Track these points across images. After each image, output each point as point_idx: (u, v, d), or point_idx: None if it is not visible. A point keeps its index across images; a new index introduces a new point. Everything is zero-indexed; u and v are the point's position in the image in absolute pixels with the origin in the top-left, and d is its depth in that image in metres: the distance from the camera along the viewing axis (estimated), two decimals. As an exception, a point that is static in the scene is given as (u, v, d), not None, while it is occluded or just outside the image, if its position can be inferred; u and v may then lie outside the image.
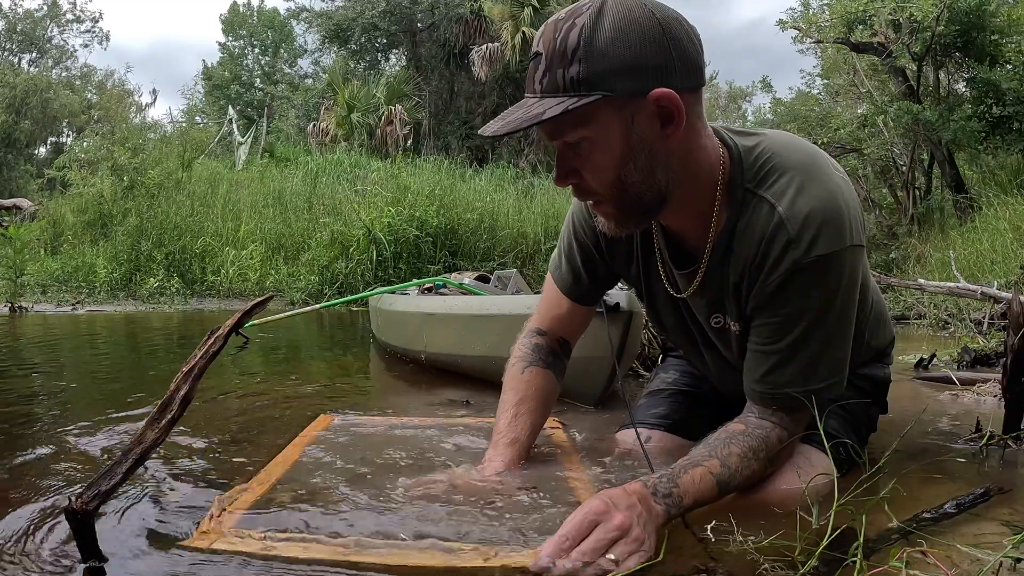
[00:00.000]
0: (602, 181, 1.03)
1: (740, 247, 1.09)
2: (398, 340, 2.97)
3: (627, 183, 1.02)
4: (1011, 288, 4.48)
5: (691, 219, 1.13)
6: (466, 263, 7.98)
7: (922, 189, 10.89)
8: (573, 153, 1.02)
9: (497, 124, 1.01)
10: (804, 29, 10.93)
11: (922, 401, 2.18)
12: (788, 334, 1.07)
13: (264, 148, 15.10)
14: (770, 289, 1.07)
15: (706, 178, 1.08)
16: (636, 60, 0.95)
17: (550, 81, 0.97)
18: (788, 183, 1.05)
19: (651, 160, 1.01)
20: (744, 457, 1.05)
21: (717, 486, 1.01)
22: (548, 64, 0.97)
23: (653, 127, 0.99)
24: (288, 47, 32.69)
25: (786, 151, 1.09)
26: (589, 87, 0.95)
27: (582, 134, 0.99)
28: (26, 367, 2.87)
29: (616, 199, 1.05)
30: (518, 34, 15.93)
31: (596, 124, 0.98)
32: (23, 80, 20.19)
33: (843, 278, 1.06)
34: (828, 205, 1.03)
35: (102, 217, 8.89)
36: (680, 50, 0.97)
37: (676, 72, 0.97)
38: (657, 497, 0.93)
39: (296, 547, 0.87)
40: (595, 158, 1.01)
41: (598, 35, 0.94)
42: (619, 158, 1.00)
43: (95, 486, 0.82)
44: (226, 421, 1.71)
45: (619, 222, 1.09)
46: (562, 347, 1.41)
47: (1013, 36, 9.26)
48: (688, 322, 1.29)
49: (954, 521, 1.05)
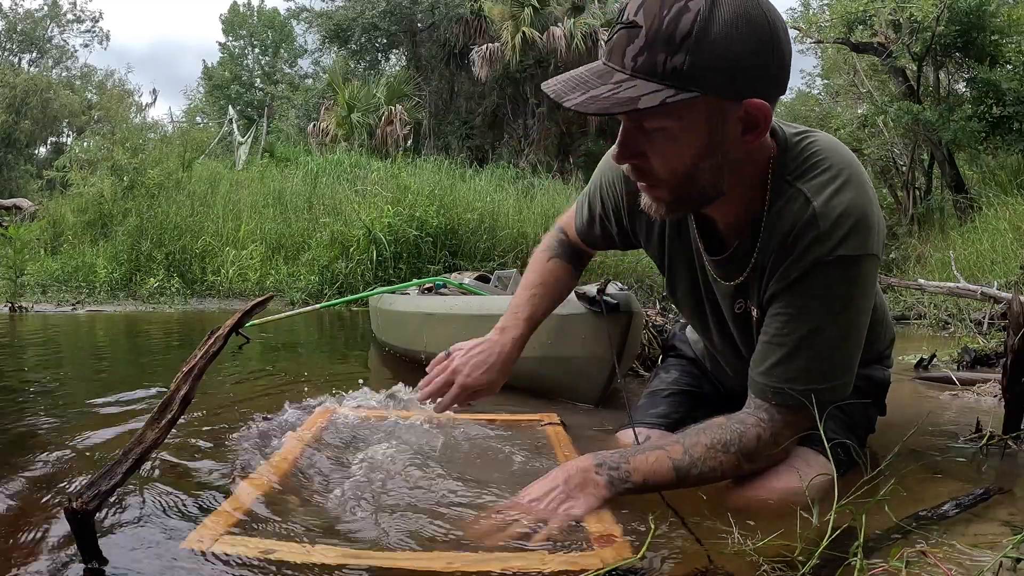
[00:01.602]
0: (670, 172, 0.99)
1: (769, 233, 1.09)
2: (398, 340, 2.97)
3: (695, 179, 0.99)
4: (1011, 288, 4.48)
5: (731, 206, 1.11)
6: (466, 263, 7.97)
7: (922, 189, 10.90)
8: (646, 137, 0.97)
9: (577, 96, 0.92)
10: (804, 29, 10.93)
11: (922, 401, 2.18)
12: (799, 328, 1.07)
13: (264, 148, 15.09)
14: (790, 280, 1.07)
15: (758, 171, 1.07)
16: (742, 61, 0.90)
17: (647, 62, 0.89)
18: (828, 181, 1.05)
19: (724, 162, 0.99)
20: (711, 448, 1.05)
21: (674, 471, 1.03)
22: (649, 42, 0.89)
23: (735, 132, 0.96)
24: (288, 47, 32.69)
25: (828, 151, 1.08)
26: (689, 81, 0.89)
27: (665, 124, 0.94)
28: (26, 367, 2.87)
29: (676, 188, 1.01)
30: (518, 34, 15.92)
31: (683, 119, 0.93)
32: (23, 80, 20.19)
33: (860, 283, 1.06)
34: (861, 210, 1.03)
35: (102, 217, 8.88)
36: (780, 55, 0.94)
37: (773, 79, 0.94)
38: (601, 469, 1.00)
39: (296, 547, 0.87)
40: (671, 150, 0.96)
41: (713, 26, 0.87)
42: (696, 156, 0.97)
43: (95, 486, 0.82)
44: (226, 421, 1.71)
45: (670, 209, 1.05)
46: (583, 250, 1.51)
47: (1013, 36, 9.27)
48: (706, 304, 1.28)
49: (954, 521, 1.05)
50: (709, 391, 1.55)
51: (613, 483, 0.99)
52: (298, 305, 6.49)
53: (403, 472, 1.19)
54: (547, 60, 15.89)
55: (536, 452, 1.35)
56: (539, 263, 1.48)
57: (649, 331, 2.50)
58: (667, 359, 1.73)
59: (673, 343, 1.73)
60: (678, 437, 1.09)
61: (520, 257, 8.49)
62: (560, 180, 12.37)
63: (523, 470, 1.24)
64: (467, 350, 1.39)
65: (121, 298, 7.18)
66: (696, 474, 1.04)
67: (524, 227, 8.91)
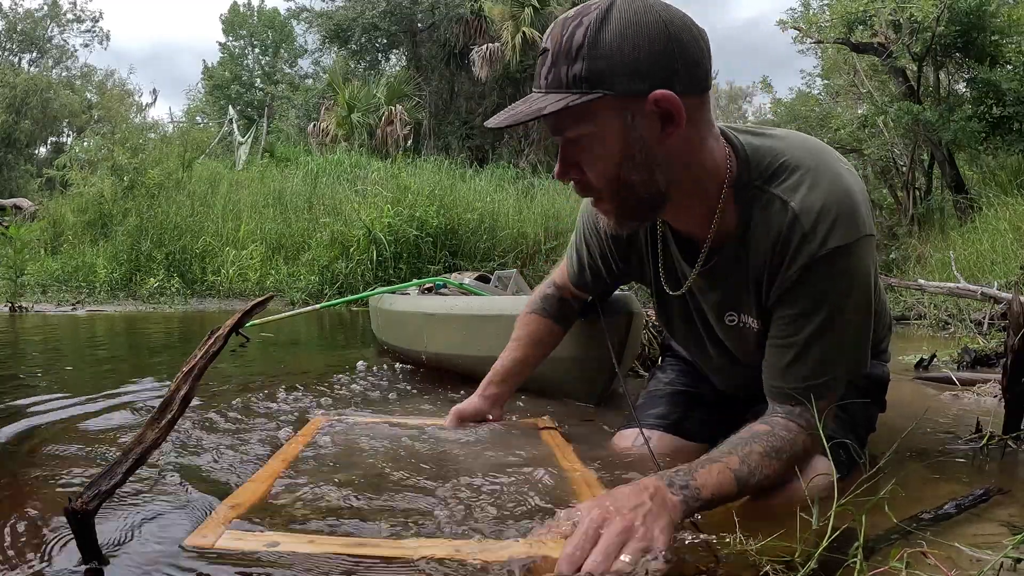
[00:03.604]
0: (601, 178, 1.05)
1: (756, 244, 1.10)
2: (398, 340, 2.97)
3: (625, 181, 1.04)
4: (1011, 288, 4.47)
5: (697, 219, 1.14)
6: (466, 263, 7.98)
7: (922, 189, 10.90)
8: (574, 149, 1.04)
9: (502, 116, 1.04)
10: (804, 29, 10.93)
11: (922, 401, 2.18)
12: (806, 326, 1.08)
13: (264, 148, 15.10)
14: (788, 284, 1.08)
15: (712, 179, 1.09)
16: (638, 62, 0.96)
17: (554, 77, 0.99)
18: (799, 179, 1.06)
19: (649, 160, 1.02)
20: (766, 455, 1.04)
21: (736, 482, 1.00)
22: (553, 60, 0.99)
23: (653, 128, 1.00)
24: (288, 47, 32.70)
25: (792, 148, 1.10)
26: (591, 85, 0.97)
27: (582, 131, 1.01)
28: (26, 367, 2.87)
29: (614, 196, 1.07)
30: (518, 34, 15.93)
31: (596, 121, 1.00)
32: (23, 80, 20.21)
33: (860, 268, 1.07)
34: (840, 198, 1.04)
35: (102, 217, 8.89)
36: (685, 54, 0.98)
37: (679, 75, 0.98)
38: (674, 488, 0.93)
39: (300, 539, 0.86)
40: (594, 155, 1.03)
41: (603, 35, 0.96)
42: (618, 156, 1.02)
43: (95, 486, 0.82)
44: (226, 421, 1.71)
45: (618, 219, 1.11)
46: (574, 299, 1.62)
47: (1013, 36, 9.27)
48: (696, 320, 1.29)
49: (954, 521, 1.05)
50: (706, 391, 1.55)
51: (687, 503, 0.93)
52: (298, 305, 6.49)
53: (401, 471, 1.19)
54: (547, 60, 15.89)
55: (534, 454, 1.35)
56: (521, 318, 1.62)
57: (649, 331, 2.50)
58: (665, 359, 1.73)
59: (669, 344, 1.74)
60: (727, 448, 1.04)
61: (520, 257, 8.50)
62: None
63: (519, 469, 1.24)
64: None
65: (121, 298, 7.18)
66: (754, 483, 1.03)
67: (524, 227, 8.92)
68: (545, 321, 1.59)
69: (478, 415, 1.55)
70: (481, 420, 1.55)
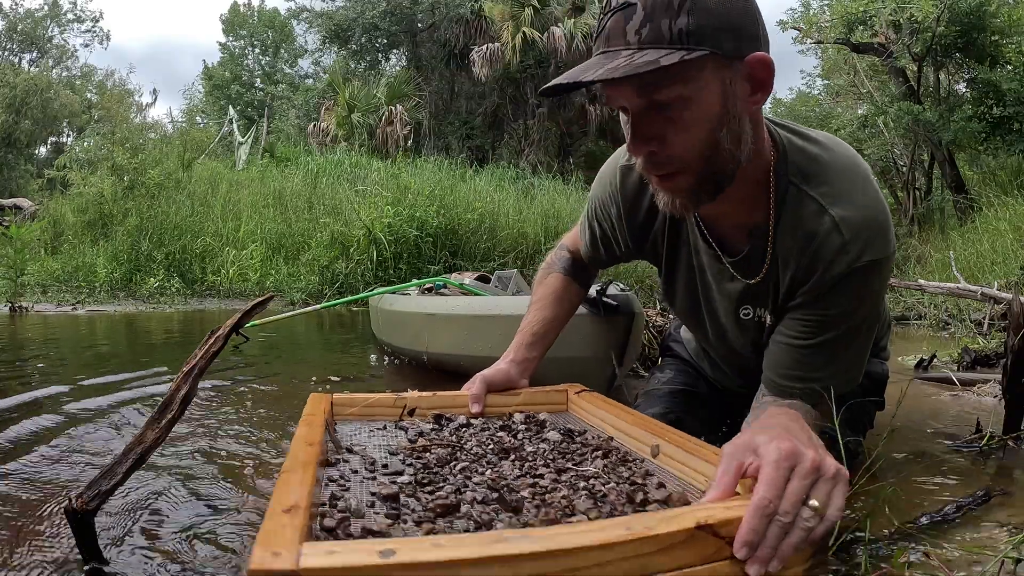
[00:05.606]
0: (692, 145, 0.95)
1: (786, 242, 1.08)
2: (399, 340, 2.97)
3: (719, 148, 0.96)
4: (1011, 289, 4.48)
5: (732, 205, 1.09)
6: (466, 263, 7.97)
7: (922, 190, 10.90)
8: (660, 116, 0.94)
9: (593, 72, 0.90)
10: (804, 29, 10.94)
11: (922, 401, 2.17)
12: (825, 332, 1.07)
13: (264, 148, 15.09)
14: (821, 290, 1.06)
15: (758, 163, 1.05)
16: (738, 21, 0.91)
17: (652, 31, 0.89)
18: (839, 187, 1.04)
19: (741, 127, 0.97)
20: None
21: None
22: (649, 14, 0.89)
23: (745, 92, 0.95)
24: (288, 47, 32.68)
25: (831, 153, 1.07)
26: (697, 41, 0.88)
27: (681, 92, 0.91)
28: (26, 366, 2.87)
29: (701, 167, 0.97)
30: (518, 34, 15.93)
31: (698, 82, 0.91)
32: (23, 80, 20.20)
33: (883, 283, 1.08)
34: (878, 214, 1.04)
35: (102, 217, 8.88)
36: (760, 16, 0.96)
37: (762, 38, 0.95)
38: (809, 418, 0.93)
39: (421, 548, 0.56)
40: (690, 118, 0.93)
41: None
42: (716, 120, 0.94)
43: (95, 485, 0.82)
44: (226, 421, 1.71)
45: (691, 196, 1.00)
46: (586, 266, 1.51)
47: (1013, 36, 9.27)
48: (702, 304, 1.28)
49: (955, 522, 1.05)
50: (705, 390, 1.55)
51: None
52: (298, 305, 6.49)
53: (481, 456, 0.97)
54: (547, 60, 15.89)
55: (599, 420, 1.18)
56: (538, 281, 1.53)
57: (649, 331, 2.51)
58: (664, 359, 1.73)
59: (668, 344, 1.74)
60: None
61: (520, 257, 8.50)
62: (560, 180, 12.36)
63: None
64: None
65: (121, 298, 7.18)
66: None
67: (524, 227, 8.91)
68: (565, 278, 1.49)
69: (509, 384, 1.31)
70: (508, 389, 1.31)
